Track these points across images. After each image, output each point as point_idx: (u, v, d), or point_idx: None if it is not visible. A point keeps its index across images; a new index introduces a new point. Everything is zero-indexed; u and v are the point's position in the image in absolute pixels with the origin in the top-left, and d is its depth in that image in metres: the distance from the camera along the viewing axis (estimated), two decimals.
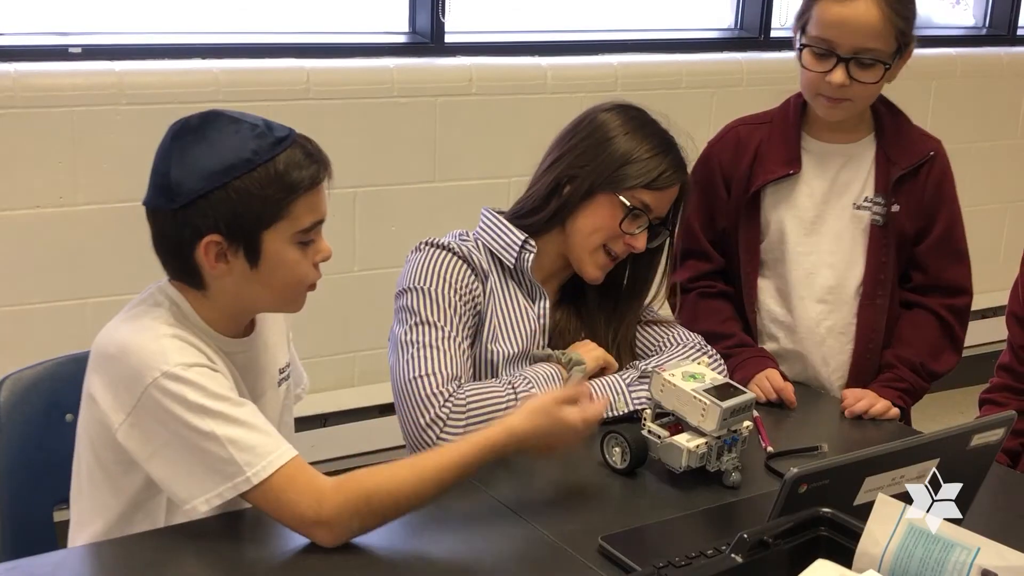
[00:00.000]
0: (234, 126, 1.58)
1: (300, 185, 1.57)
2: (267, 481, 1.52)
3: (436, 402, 1.82)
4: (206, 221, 1.55)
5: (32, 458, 1.84)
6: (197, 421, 1.52)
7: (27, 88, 2.75)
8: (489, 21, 3.56)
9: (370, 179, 3.18)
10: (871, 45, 2.07)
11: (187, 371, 1.53)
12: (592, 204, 1.95)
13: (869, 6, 2.06)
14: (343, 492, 1.54)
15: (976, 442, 1.53)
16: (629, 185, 1.93)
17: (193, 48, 3.02)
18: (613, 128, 1.96)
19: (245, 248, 1.57)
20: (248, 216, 1.55)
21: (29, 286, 2.85)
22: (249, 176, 1.54)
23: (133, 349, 1.55)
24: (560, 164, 1.97)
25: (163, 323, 1.59)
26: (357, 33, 3.34)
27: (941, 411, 3.48)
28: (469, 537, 1.65)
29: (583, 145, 1.96)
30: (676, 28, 3.89)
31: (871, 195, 2.21)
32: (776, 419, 2.07)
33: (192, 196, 1.54)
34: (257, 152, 1.55)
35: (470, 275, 1.92)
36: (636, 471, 1.80)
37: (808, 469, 1.36)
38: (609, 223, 1.94)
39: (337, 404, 3.16)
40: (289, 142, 1.58)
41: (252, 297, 1.64)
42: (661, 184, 1.94)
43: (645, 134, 1.97)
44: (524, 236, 1.96)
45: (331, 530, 1.54)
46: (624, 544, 1.57)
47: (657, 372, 1.79)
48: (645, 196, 1.94)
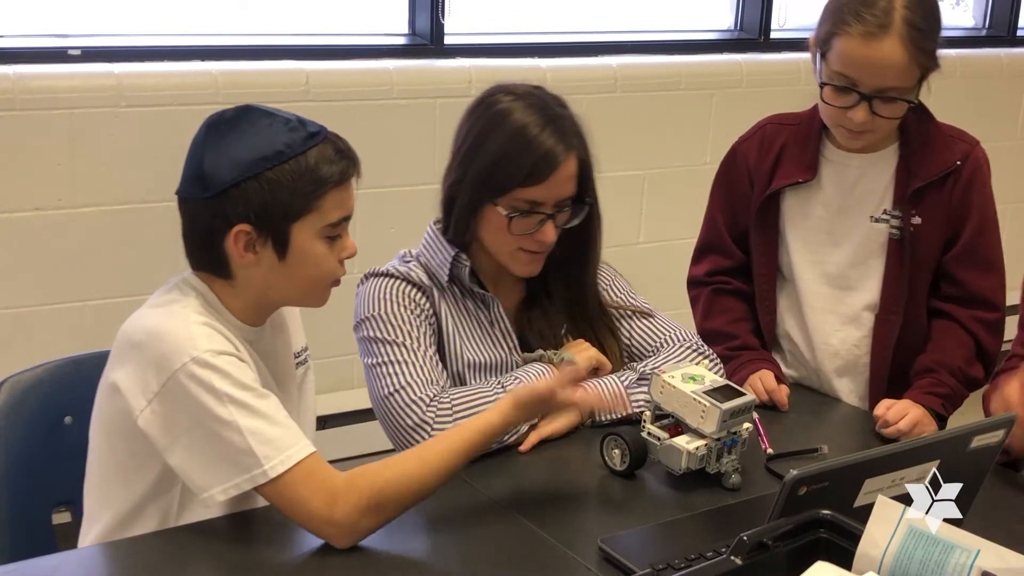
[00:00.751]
0: (268, 119, 1.61)
1: (330, 179, 1.60)
2: (284, 476, 1.53)
3: (419, 408, 1.82)
4: (237, 210, 1.58)
5: (31, 460, 1.84)
6: (220, 410, 1.53)
7: (26, 90, 2.75)
8: (488, 23, 3.56)
9: (369, 181, 3.11)
10: (895, 84, 2.00)
11: (216, 358, 1.55)
12: (482, 217, 1.90)
13: (894, 47, 1.96)
14: (355, 491, 1.54)
15: (976, 444, 1.52)
16: (502, 190, 1.86)
17: (192, 50, 3.01)
18: (481, 131, 1.88)
19: (274, 239, 1.60)
20: (278, 207, 1.58)
21: (28, 288, 2.85)
22: (281, 168, 1.58)
23: (163, 334, 1.57)
24: (448, 177, 1.94)
25: (193, 311, 1.61)
26: (356, 35, 3.33)
27: None
28: (469, 539, 1.64)
29: (460, 155, 1.91)
30: (675, 29, 3.89)
31: (889, 208, 2.14)
32: (776, 421, 2.06)
33: (225, 185, 1.57)
34: (290, 145, 1.59)
35: (417, 293, 1.93)
36: (636, 473, 1.80)
37: (808, 471, 1.35)
38: (502, 231, 1.88)
39: (337, 406, 3.16)
40: (321, 138, 1.62)
41: (278, 288, 1.66)
42: (539, 174, 1.84)
43: (512, 127, 1.86)
44: (454, 252, 1.93)
45: (342, 531, 1.54)
46: (623, 546, 1.57)
47: (657, 374, 1.79)
48: (526, 194, 1.85)
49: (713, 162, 3.62)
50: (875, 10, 1.97)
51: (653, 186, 3.67)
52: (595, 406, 1.93)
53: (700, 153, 3.68)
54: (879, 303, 2.18)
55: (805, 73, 3.80)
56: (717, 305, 2.28)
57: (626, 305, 2.10)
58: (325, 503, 1.53)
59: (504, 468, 1.83)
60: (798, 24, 4.03)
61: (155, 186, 2.89)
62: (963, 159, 2.13)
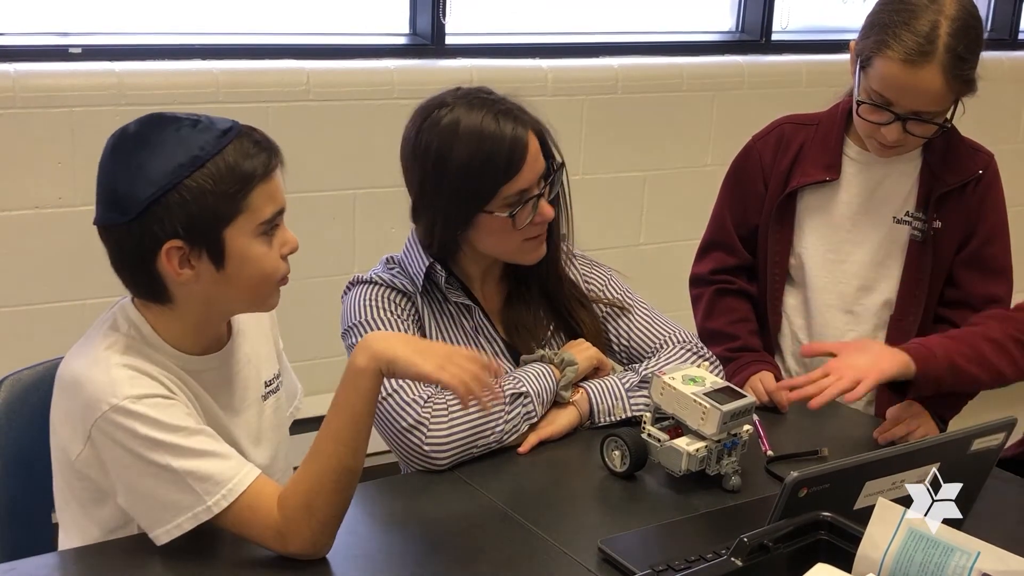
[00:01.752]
0: (174, 125, 1.51)
1: (254, 174, 1.50)
2: (228, 509, 1.50)
3: (413, 410, 1.81)
4: (163, 227, 1.48)
5: (31, 459, 1.83)
6: (150, 454, 1.49)
7: (27, 88, 2.75)
8: (490, 23, 3.55)
9: (370, 181, 3.17)
10: (931, 108, 2.02)
11: (136, 404, 1.49)
12: (478, 228, 1.88)
13: (935, 75, 1.96)
14: (285, 507, 1.51)
15: (976, 447, 1.53)
16: (492, 194, 1.84)
17: (193, 49, 3.01)
18: (441, 148, 1.84)
19: (208, 249, 1.51)
20: (205, 215, 1.49)
21: (28, 286, 2.85)
22: (200, 173, 1.48)
23: (84, 382, 1.52)
24: (421, 210, 1.91)
25: (116, 352, 1.54)
26: (357, 34, 3.33)
27: None
28: (468, 540, 1.64)
29: (428, 179, 1.86)
30: (677, 30, 3.89)
31: (912, 210, 2.17)
32: (776, 423, 2.06)
33: (144, 204, 1.48)
34: (203, 147, 1.48)
35: (401, 299, 1.93)
36: (636, 474, 1.80)
37: (808, 473, 1.35)
38: (506, 231, 1.88)
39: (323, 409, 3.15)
40: (235, 133, 1.52)
41: (223, 300, 1.58)
42: (516, 163, 1.83)
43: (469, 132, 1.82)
44: (429, 261, 1.92)
45: (293, 542, 1.51)
46: (624, 548, 1.57)
47: (657, 376, 1.79)
48: (513, 187, 1.84)
49: (714, 163, 3.63)
50: (919, 35, 1.96)
51: (654, 187, 3.66)
52: (594, 407, 1.93)
53: (701, 154, 3.68)
54: (895, 304, 2.20)
55: (807, 74, 3.84)
56: (720, 305, 2.27)
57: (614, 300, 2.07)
58: (274, 539, 1.51)
59: (503, 469, 1.83)
60: (800, 25, 4.03)
61: None
62: (984, 168, 2.16)
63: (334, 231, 3.17)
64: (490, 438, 1.84)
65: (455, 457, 1.81)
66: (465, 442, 1.82)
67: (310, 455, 1.54)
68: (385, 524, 1.72)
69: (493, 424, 1.83)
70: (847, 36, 4.43)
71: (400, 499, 1.79)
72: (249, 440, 1.71)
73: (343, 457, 1.52)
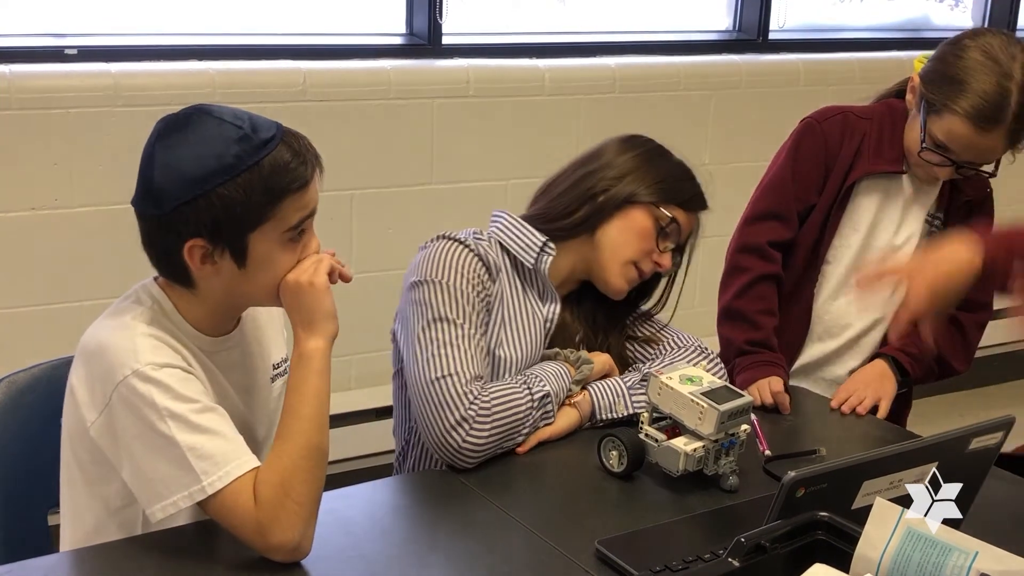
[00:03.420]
0: (217, 126, 1.53)
1: (287, 189, 1.54)
2: (221, 492, 1.50)
3: (463, 403, 1.80)
4: (188, 227, 1.53)
5: (27, 461, 1.84)
6: (160, 424, 1.50)
7: (23, 89, 2.75)
8: (486, 23, 3.55)
9: (367, 181, 3.17)
10: (985, 163, 2.17)
11: (157, 371, 1.52)
12: (628, 215, 1.96)
13: (999, 139, 2.09)
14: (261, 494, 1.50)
15: (975, 445, 1.52)
16: (672, 200, 1.97)
17: (189, 49, 3.01)
18: (649, 151, 2.01)
19: (231, 250, 1.55)
20: (231, 221, 1.52)
21: (25, 288, 2.84)
22: (232, 183, 1.51)
23: (109, 347, 1.55)
24: (596, 175, 1.98)
25: (142, 322, 1.58)
26: (354, 35, 3.33)
27: (940, 415, 3.48)
28: (465, 541, 1.64)
29: (620, 160, 1.99)
30: (674, 30, 3.89)
31: (933, 211, 2.31)
32: (774, 423, 2.06)
33: (175, 203, 1.52)
34: (240, 157, 1.51)
35: (483, 271, 1.90)
36: (633, 475, 1.80)
37: (806, 473, 1.35)
38: (644, 235, 1.96)
39: (334, 407, 3.09)
40: (275, 144, 1.54)
41: (242, 294, 1.62)
42: (693, 206, 2.00)
43: (675, 161, 2.03)
44: (544, 238, 1.96)
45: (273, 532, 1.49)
46: (621, 548, 1.56)
47: (654, 375, 1.78)
48: (679, 214, 1.98)
49: (712, 162, 3.62)
50: (991, 102, 2.06)
51: None
52: (595, 405, 1.94)
53: (699, 153, 3.66)
54: None
55: (804, 74, 3.84)
56: (756, 289, 2.29)
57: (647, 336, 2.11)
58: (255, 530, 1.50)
59: (501, 470, 1.82)
60: (796, 24, 4.03)
61: None
62: (990, 187, 2.33)
63: (330, 232, 3.16)
64: (517, 439, 1.85)
65: (484, 458, 1.81)
66: (497, 444, 1.82)
67: (277, 440, 1.56)
68: (382, 525, 1.72)
69: (523, 425, 1.84)
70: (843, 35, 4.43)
71: (397, 500, 1.79)
72: (258, 418, 1.75)
73: (310, 434, 1.54)
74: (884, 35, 4.26)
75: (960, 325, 2.32)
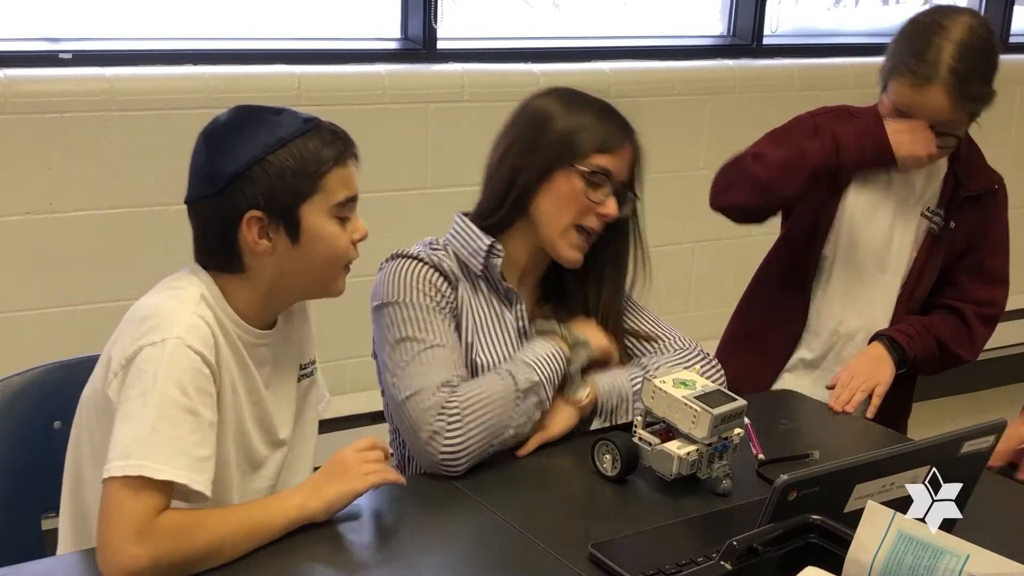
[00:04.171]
0: (262, 115, 1.66)
1: (330, 158, 1.65)
2: (112, 480, 1.48)
3: (430, 417, 1.79)
4: (246, 199, 1.61)
5: (20, 465, 1.84)
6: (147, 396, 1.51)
7: (17, 94, 2.75)
8: (482, 28, 3.55)
9: (362, 186, 3.13)
10: (943, 123, 2.17)
11: (182, 350, 1.55)
12: (551, 184, 1.92)
13: (938, 95, 2.12)
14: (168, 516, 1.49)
15: (967, 449, 1.53)
16: (582, 154, 1.91)
17: (184, 54, 3.01)
18: (552, 109, 1.95)
19: (286, 224, 1.63)
20: (284, 189, 1.62)
21: (18, 292, 2.84)
22: (282, 151, 1.61)
23: (157, 312, 1.59)
24: (509, 156, 1.95)
25: (192, 299, 1.62)
26: (349, 39, 3.33)
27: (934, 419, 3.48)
28: (459, 545, 1.64)
29: (526, 132, 1.95)
30: (669, 35, 3.89)
31: (934, 206, 2.32)
32: (767, 426, 2.06)
33: (230, 176, 1.61)
34: (287, 130, 1.63)
35: (440, 280, 1.91)
36: (627, 478, 1.80)
37: (798, 476, 1.35)
38: (574, 197, 1.91)
39: (329, 412, 3.14)
40: (315, 123, 1.67)
41: (294, 276, 1.68)
42: (613, 145, 1.93)
43: (583, 106, 1.96)
44: (490, 241, 1.93)
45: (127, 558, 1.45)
46: (614, 552, 1.56)
47: (648, 379, 1.79)
48: (601, 160, 1.92)
49: (707, 167, 3.60)
50: (923, 63, 2.12)
51: (647, 191, 3.64)
52: (599, 406, 1.94)
53: (694, 158, 3.68)
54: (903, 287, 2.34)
55: (798, 78, 3.84)
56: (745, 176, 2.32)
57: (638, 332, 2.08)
58: (120, 536, 1.45)
59: (495, 473, 1.82)
60: (790, 29, 4.03)
61: (146, 190, 2.88)
62: (998, 185, 2.36)
63: None
64: (506, 435, 1.83)
65: (472, 461, 1.80)
66: (481, 445, 1.80)
67: (221, 511, 1.57)
68: (375, 530, 1.71)
69: (508, 421, 1.83)
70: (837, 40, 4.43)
71: (390, 503, 1.79)
72: (282, 417, 1.77)
73: (238, 539, 1.53)
74: (878, 40, 4.25)
75: (961, 314, 2.34)
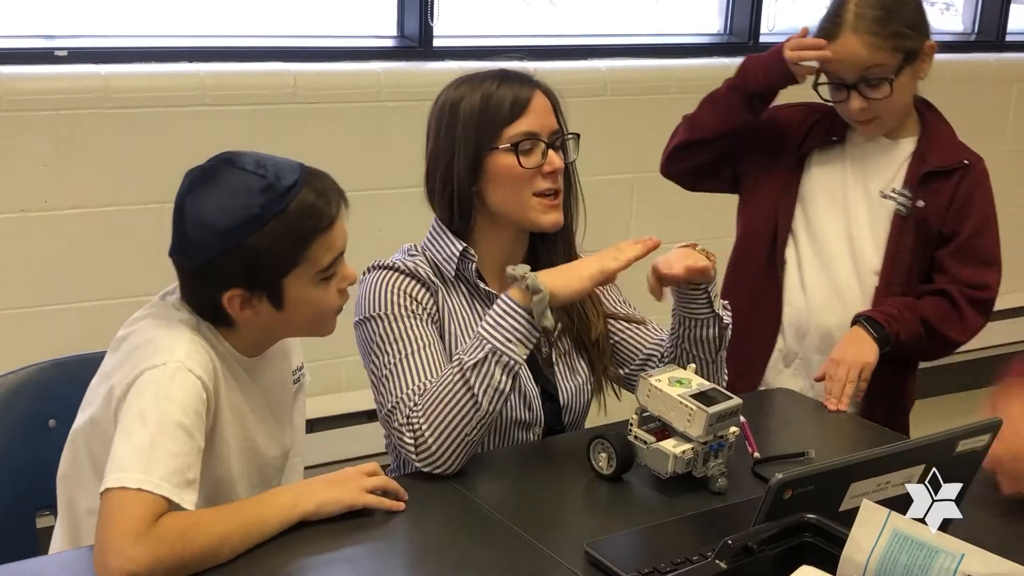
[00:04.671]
0: (243, 177, 1.59)
1: (315, 231, 1.61)
2: (109, 492, 1.47)
3: (405, 431, 1.78)
4: (224, 280, 1.59)
5: (15, 463, 1.84)
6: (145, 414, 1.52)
7: (12, 91, 2.74)
8: (478, 25, 3.55)
9: (358, 184, 3.13)
10: (870, 69, 2.20)
11: (180, 373, 1.55)
12: (487, 173, 1.90)
13: (848, 40, 2.19)
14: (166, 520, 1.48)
15: (962, 448, 1.53)
16: (496, 132, 1.89)
17: (179, 51, 3.01)
18: (453, 101, 1.94)
19: (268, 295, 1.61)
20: (265, 269, 1.59)
21: (13, 290, 2.84)
22: (261, 232, 1.57)
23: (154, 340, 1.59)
24: (438, 165, 1.94)
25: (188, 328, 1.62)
26: (345, 37, 3.33)
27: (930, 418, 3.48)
28: (454, 543, 1.64)
29: (441, 136, 1.93)
30: (665, 33, 3.89)
31: (898, 187, 2.31)
32: (763, 425, 2.06)
33: (208, 256, 1.58)
34: (265, 207, 1.57)
35: (418, 288, 1.90)
36: (622, 477, 1.79)
37: (793, 475, 1.35)
38: (514, 172, 1.89)
39: (324, 410, 3.15)
40: (298, 189, 1.60)
41: (281, 331, 1.71)
42: (520, 105, 1.91)
43: (477, 85, 1.94)
44: (463, 246, 1.92)
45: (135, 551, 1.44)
46: (610, 550, 1.56)
47: (643, 378, 1.78)
48: (519, 127, 1.89)
49: None
50: (832, 12, 2.23)
51: (643, 190, 3.67)
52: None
53: None
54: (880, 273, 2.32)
55: None
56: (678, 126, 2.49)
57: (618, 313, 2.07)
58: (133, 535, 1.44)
59: (490, 471, 1.82)
60: (787, 27, 4.03)
61: (142, 188, 2.88)
62: (973, 162, 2.32)
63: None
64: (475, 417, 1.76)
65: (458, 458, 1.78)
66: (457, 440, 1.76)
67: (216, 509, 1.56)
68: (371, 528, 1.71)
69: (466, 405, 1.76)
70: None
71: None
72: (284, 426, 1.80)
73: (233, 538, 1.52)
74: None
75: (948, 295, 2.29)
